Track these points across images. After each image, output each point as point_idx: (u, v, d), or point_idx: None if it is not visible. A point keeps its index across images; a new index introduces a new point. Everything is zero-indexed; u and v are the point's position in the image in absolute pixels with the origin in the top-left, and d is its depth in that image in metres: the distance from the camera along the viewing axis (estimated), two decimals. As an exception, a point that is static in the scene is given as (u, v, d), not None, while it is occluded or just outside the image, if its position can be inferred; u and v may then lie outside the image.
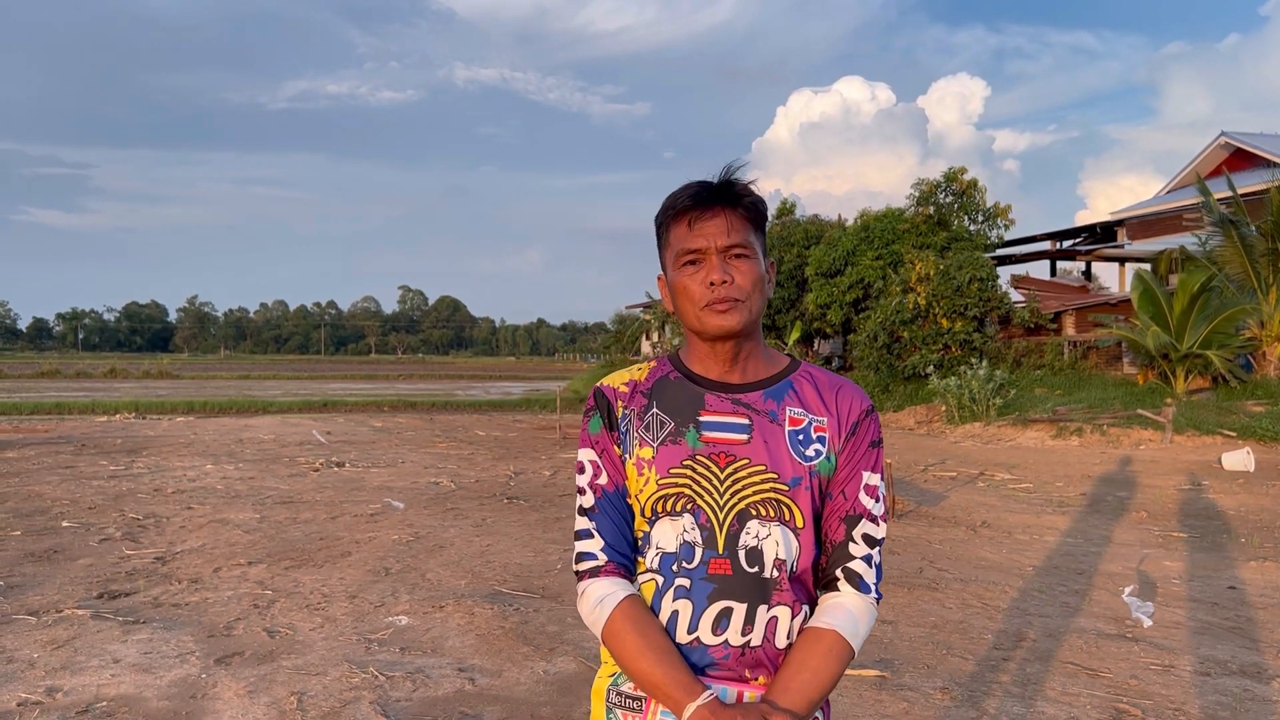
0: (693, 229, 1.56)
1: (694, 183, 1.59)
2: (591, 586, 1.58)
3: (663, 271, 1.66)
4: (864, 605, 1.57)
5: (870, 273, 25.99)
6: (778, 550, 1.54)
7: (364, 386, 42.60)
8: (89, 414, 23.60)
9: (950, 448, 16.42)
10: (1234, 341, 18.06)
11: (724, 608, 1.52)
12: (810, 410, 1.62)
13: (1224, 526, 8.87)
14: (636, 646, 1.51)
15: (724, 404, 1.59)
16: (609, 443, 1.63)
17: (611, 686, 1.61)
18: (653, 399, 1.63)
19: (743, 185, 1.58)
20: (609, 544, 1.59)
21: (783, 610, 1.55)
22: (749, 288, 1.56)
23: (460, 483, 11.80)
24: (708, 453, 1.56)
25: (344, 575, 6.76)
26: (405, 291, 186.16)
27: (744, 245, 1.56)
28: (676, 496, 1.56)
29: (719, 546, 1.54)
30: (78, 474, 12.17)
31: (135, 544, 7.78)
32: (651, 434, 1.59)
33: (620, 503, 1.61)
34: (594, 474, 1.63)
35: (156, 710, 4.17)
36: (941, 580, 6.72)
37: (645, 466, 1.58)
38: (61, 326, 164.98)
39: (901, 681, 4.59)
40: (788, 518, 1.56)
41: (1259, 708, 4.25)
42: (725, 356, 1.61)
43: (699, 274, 1.56)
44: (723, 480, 1.55)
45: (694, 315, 1.58)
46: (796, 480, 1.56)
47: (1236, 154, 29.01)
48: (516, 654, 5.00)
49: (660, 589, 1.56)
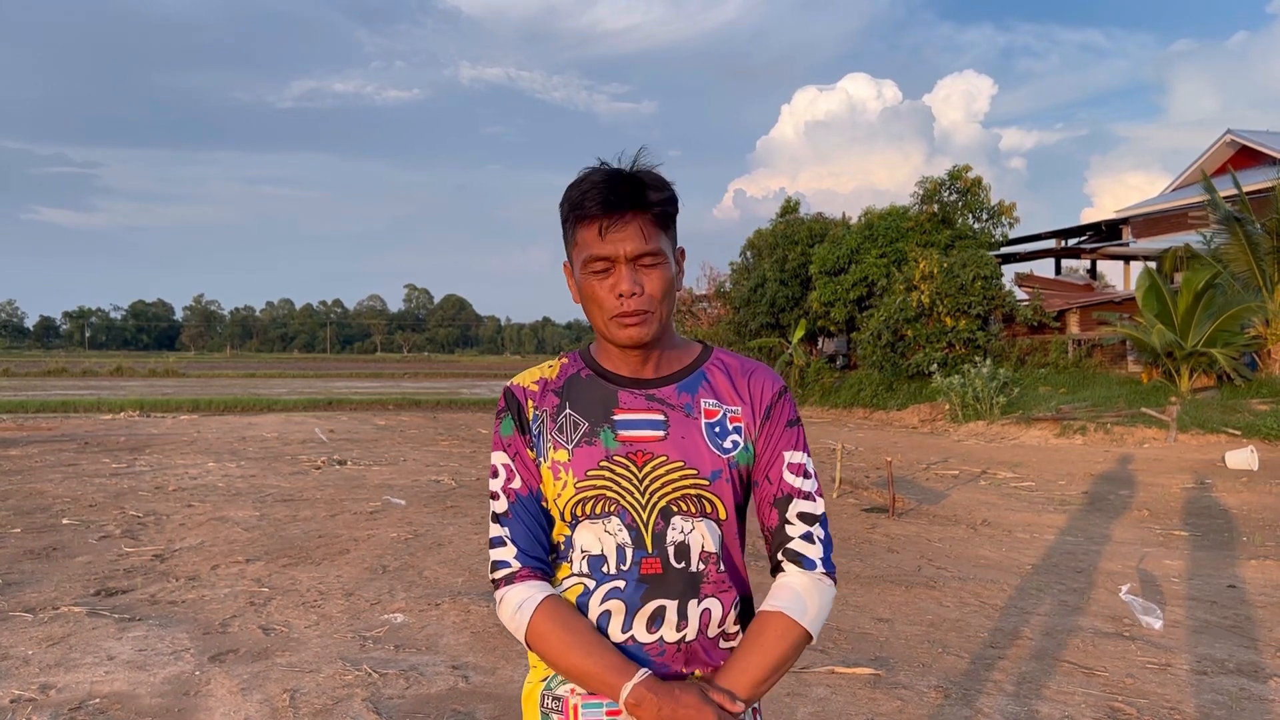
0: (604, 236, 1.50)
1: (602, 177, 1.51)
2: (509, 593, 1.54)
3: (568, 261, 1.60)
4: (809, 582, 1.54)
5: (874, 271, 25.94)
6: (704, 543, 1.53)
7: (369, 385, 42.64)
8: (94, 412, 23.66)
9: (953, 446, 16.38)
10: (1239, 340, 17.98)
11: (657, 606, 1.51)
12: (723, 400, 1.60)
13: (1226, 525, 8.83)
14: (563, 642, 1.48)
15: (638, 401, 1.57)
16: (521, 445, 1.59)
17: (545, 691, 1.58)
18: (565, 398, 1.60)
19: (655, 184, 1.52)
20: (522, 550, 1.56)
21: (713, 602, 1.53)
22: (660, 296, 1.52)
23: (461, 480, 11.81)
24: (625, 452, 1.53)
25: (341, 573, 6.76)
26: (411, 290, 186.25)
27: (655, 253, 1.51)
28: (597, 499, 1.53)
29: (648, 546, 1.52)
30: (80, 472, 12.20)
31: (134, 541, 7.79)
32: (565, 436, 1.56)
33: (534, 506, 1.58)
34: (507, 478, 1.59)
35: (149, 707, 4.17)
36: (940, 578, 6.70)
37: (561, 470, 1.54)
38: (69, 325, 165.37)
39: (896, 680, 4.57)
40: (710, 511, 1.54)
41: (1255, 707, 4.23)
42: (636, 357, 1.59)
43: (608, 281, 1.52)
44: (642, 480, 1.53)
45: (603, 323, 1.54)
46: (716, 474, 1.54)
47: (1242, 151, 28.87)
48: (511, 652, 4.99)
49: (589, 591, 1.53)
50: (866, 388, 25.08)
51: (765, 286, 31.10)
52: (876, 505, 9.74)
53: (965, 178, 26.27)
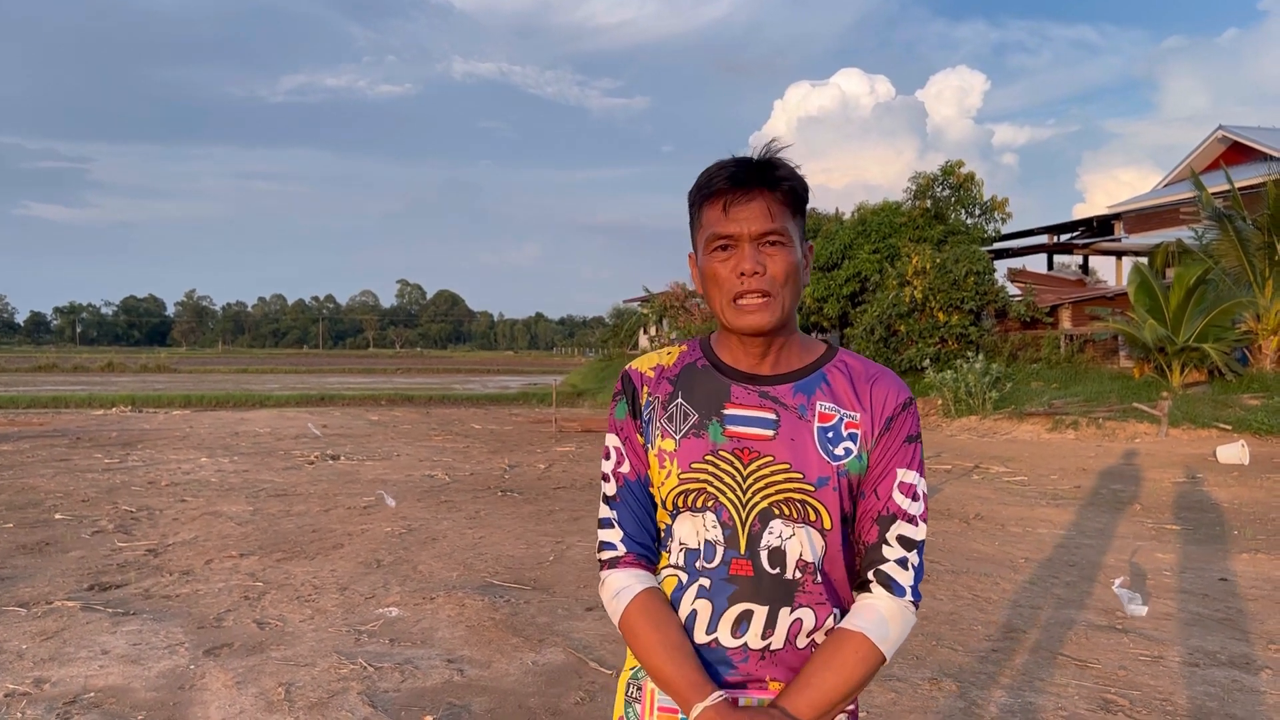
0: (728, 213, 1.47)
1: (731, 160, 1.50)
2: (611, 577, 1.55)
3: (693, 251, 1.58)
4: (896, 608, 1.48)
5: (867, 266, 25.97)
6: (802, 551, 1.48)
7: (361, 380, 42.58)
8: (85, 407, 23.59)
9: (946, 441, 16.42)
10: (1230, 335, 18.04)
11: (744, 610, 1.47)
12: (842, 405, 1.52)
13: (1218, 519, 8.87)
14: (650, 641, 1.47)
15: (750, 397, 1.52)
16: (633, 430, 1.57)
17: (631, 679, 1.58)
18: (678, 387, 1.56)
19: (784, 166, 1.49)
20: (629, 534, 1.55)
21: (806, 613, 1.49)
22: (782, 279, 1.47)
23: (455, 475, 11.80)
24: (730, 448, 1.49)
25: (335, 567, 6.75)
26: (404, 285, 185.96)
27: (780, 233, 1.47)
28: (698, 492, 1.50)
29: (741, 546, 1.48)
30: (72, 467, 12.16)
31: (128, 536, 7.77)
32: (674, 425, 1.53)
33: (642, 493, 1.56)
34: (617, 461, 1.58)
35: (144, 701, 4.17)
36: (933, 572, 6.72)
37: (667, 459, 1.52)
38: (59, 320, 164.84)
39: (890, 672, 4.58)
40: (813, 519, 1.48)
41: (1247, 698, 4.25)
42: (755, 349, 1.54)
43: (730, 261, 1.48)
44: (745, 477, 1.48)
45: (722, 306, 1.50)
46: (823, 481, 1.47)
47: (1234, 148, 28.97)
48: (506, 645, 4.99)
49: (682, 585, 1.52)
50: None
51: (758, 282, 31.08)
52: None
53: (958, 173, 26.29)
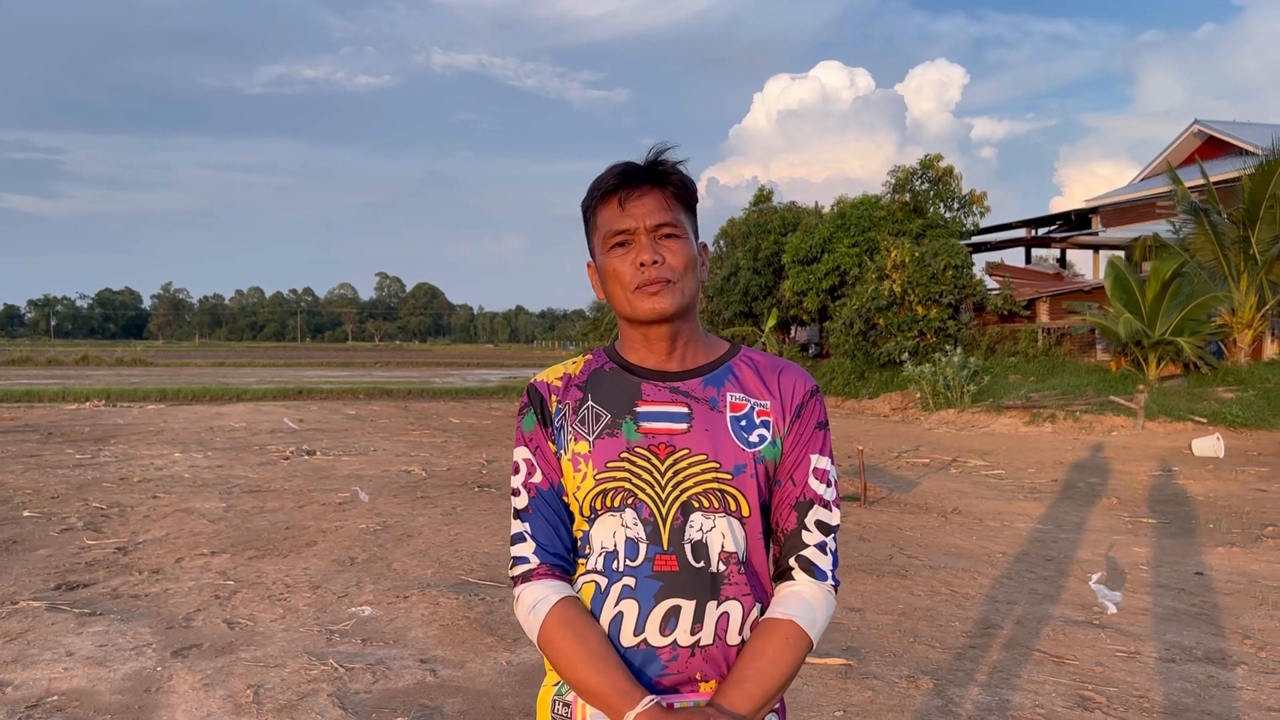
0: (623, 207, 1.49)
1: (620, 164, 1.53)
2: (525, 591, 1.51)
3: (591, 258, 1.60)
4: (820, 593, 1.50)
5: (847, 260, 26.01)
6: (724, 542, 1.47)
7: (339, 374, 42.27)
8: (58, 402, 23.26)
9: (924, 434, 16.47)
10: (1205, 328, 18.19)
11: (672, 606, 1.45)
12: (751, 394, 1.55)
13: (1193, 512, 8.92)
14: (572, 653, 1.43)
15: (661, 393, 1.53)
16: (543, 439, 1.55)
17: (556, 697, 1.54)
18: (587, 391, 1.56)
19: (671, 164, 1.52)
20: (541, 545, 1.52)
21: (733, 605, 1.47)
22: (681, 268, 1.49)
23: (432, 471, 11.71)
24: (646, 444, 1.49)
25: (308, 565, 6.66)
26: (383, 278, 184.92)
27: (674, 224, 1.50)
28: (616, 491, 1.49)
29: (664, 542, 1.47)
30: (43, 463, 11.98)
31: (97, 534, 7.65)
32: (587, 427, 1.52)
33: (556, 501, 1.54)
34: (528, 473, 1.56)
35: (108, 704, 4.08)
36: (911, 567, 6.71)
37: (581, 461, 1.50)
38: (33, 313, 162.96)
39: (867, 670, 4.56)
40: (733, 508, 1.49)
41: (1222, 694, 4.25)
42: (661, 344, 1.54)
43: (629, 255, 1.50)
44: (664, 472, 1.48)
45: (624, 299, 1.51)
46: (740, 468, 1.49)
47: (1209, 142, 29.13)
48: (480, 645, 4.93)
49: (602, 590, 1.49)
50: (839, 376, 25.18)
51: (738, 275, 31.10)
52: (848, 494, 9.74)
53: (937, 167, 26.37)
